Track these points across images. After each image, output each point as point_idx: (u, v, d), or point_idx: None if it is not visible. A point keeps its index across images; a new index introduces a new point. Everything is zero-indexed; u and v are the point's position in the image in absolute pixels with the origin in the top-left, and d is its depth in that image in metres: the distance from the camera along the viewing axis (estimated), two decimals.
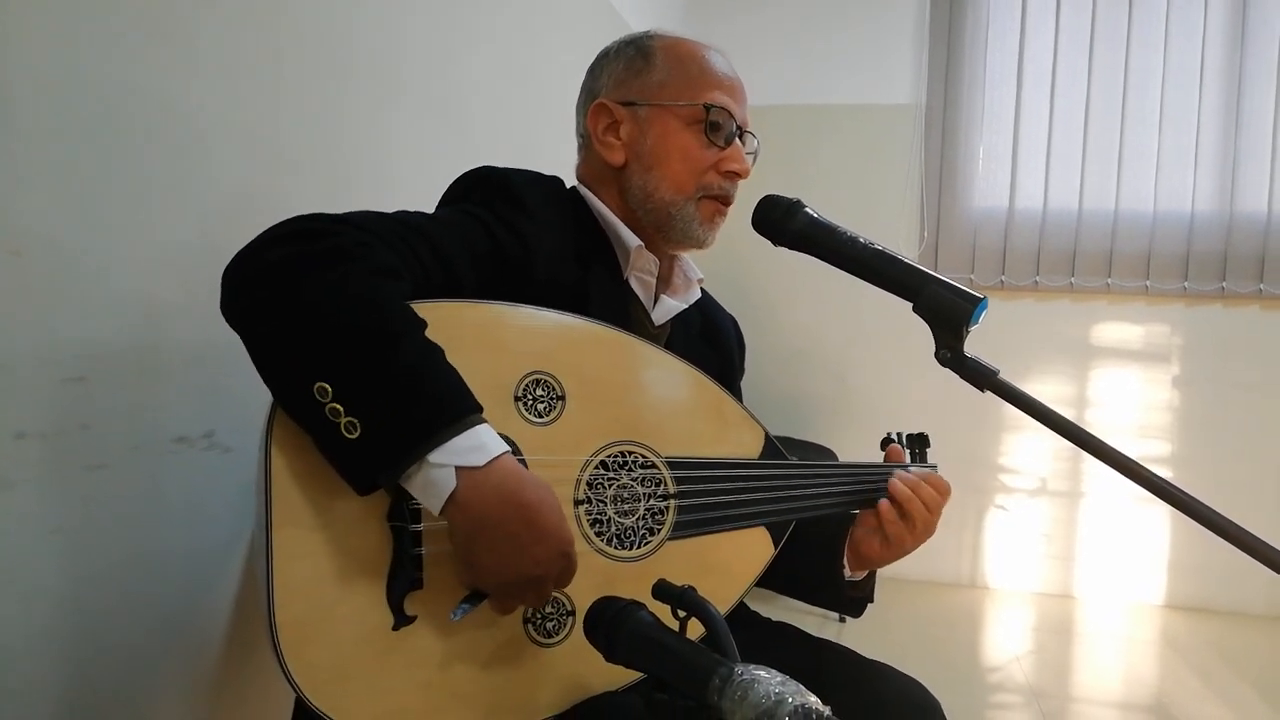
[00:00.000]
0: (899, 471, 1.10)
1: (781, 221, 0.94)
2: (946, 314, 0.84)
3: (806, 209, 0.94)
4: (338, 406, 0.71)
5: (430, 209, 0.99)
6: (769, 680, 0.65)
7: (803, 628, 1.17)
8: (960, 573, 3.45)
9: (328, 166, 1.33)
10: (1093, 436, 0.79)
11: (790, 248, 0.95)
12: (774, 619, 1.20)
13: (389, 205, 0.92)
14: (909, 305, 0.87)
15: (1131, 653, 2.87)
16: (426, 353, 0.76)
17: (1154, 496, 0.76)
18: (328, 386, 0.71)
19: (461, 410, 0.75)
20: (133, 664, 1.01)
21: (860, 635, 1.09)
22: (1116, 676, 2.66)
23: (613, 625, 0.73)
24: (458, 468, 0.73)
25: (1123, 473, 0.77)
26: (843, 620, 2.84)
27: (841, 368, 3.48)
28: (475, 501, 0.74)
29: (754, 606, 1.20)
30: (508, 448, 0.77)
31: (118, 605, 0.98)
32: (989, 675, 2.59)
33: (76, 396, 0.91)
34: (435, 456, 0.73)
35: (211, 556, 1.12)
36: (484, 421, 0.76)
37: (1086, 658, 2.81)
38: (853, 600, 1.18)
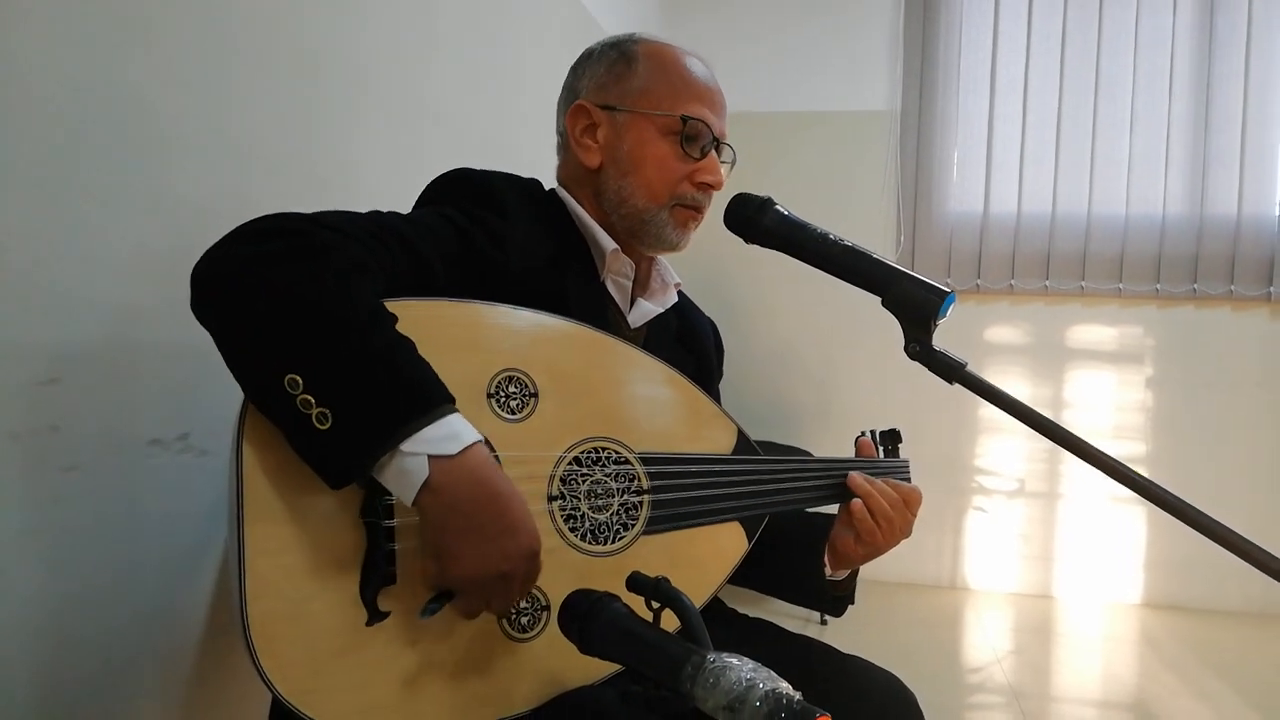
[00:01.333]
0: (854, 473, 1.11)
1: (753, 218, 0.95)
2: (915, 308, 0.85)
3: (777, 206, 0.95)
4: (309, 398, 0.71)
5: (405, 210, 0.99)
6: (740, 667, 0.66)
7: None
8: (940, 574, 3.47)
9: (301, 169, 1.34)
10: (1058, 426, 0.80)
11: (761, 245, 0.96)
12: (751, 616, 1.20)
13: (362, 207, 0.92)
14: (885, 308, 0.88)
15: (1111, 652, 2.89)
16: (397, 344, 0.76)
17: (1127, 495, 0.77)
18: (298, 378, 0.71)
19: (434, 400, 0.75)
20: (106, 665, 1.00)
21: (840, 636, 1.10)
22: (1096, 675, 2.69)
23: (587, 617, 0.74)
24: (430, 456, 0.73)
25: (1087, 460, 0.79)
26: (824, 623, 2.86)
27: (820, 372, 3.51)
28: (448, 488, 0.74)
29: (732, 606, 1.21)
30: (480, 437, 0.77)
31: (91, 607, 0.97)
32: (970, 676, 2.60)
33: (49, 398, 0.91)
34: (408, 445, 0.73)
35: (186, 559, 1.11)
36: (456, 411, 0.77)
37: (1066, 657, 2.83)
38: (834, 599, 1.19)
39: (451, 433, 0.75)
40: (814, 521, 1.17)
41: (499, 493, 0.77)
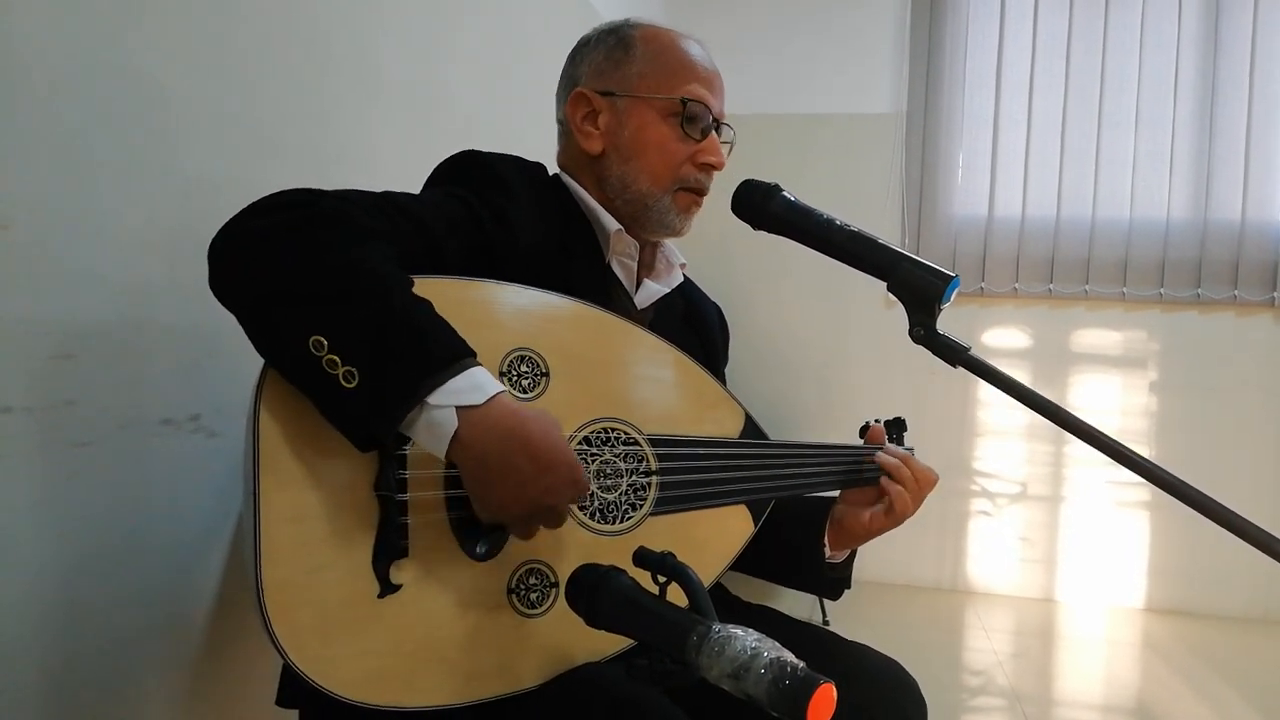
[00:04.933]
0: (889, 446, 1.15)
1: (760, 204, 0.96)
2: (919, 291, 0.86)
3: (784, 192, 0.97)
4: (335, 358, 0.72)
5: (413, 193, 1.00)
6: (745, 637, 0.67)
7: None
8: (941, 576, 3.47)
9: (311, 152, 1.35)
10: (1059, 407, 0.81)
11: (768, 230, 0.97)
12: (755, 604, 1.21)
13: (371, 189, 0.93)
14: (893, 312, 0.89)
15: (1113, 656, 2.89)
16: (416, 302, 0.78)
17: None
18: (323, 339, 0.72)
19: (457, 353, 0.77)
20: (115, 638, 1.01)
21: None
22: (1098, 679, 2.68)
23: (594, 589, 0.75)
24: (458, 408, 0.74)
25: (1089, 441, 0.80)
26: (826, 622, 2.86)
27: (824, 372, 3.52)
28: (478, 440, 0.75)
29: (734, 593, 1.21)
30: (504, 387, 0.78)
31: (101, 579, 0.98)
32: (971, 679, 2.60)
33: (63, 373, 0.92)
34: (435, 398, 0.74)
35: (196, 538, 1.13)
36: (479, 364, 0.78)
37: (1069, 661, 2.82)
38: (832, 581, 1.20)
39: (476, 384, 0.76)
40: (812, 504, 1.18)
41: (529, 435, 0.77)
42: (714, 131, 1.09)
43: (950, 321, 0.80)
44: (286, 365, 0.76)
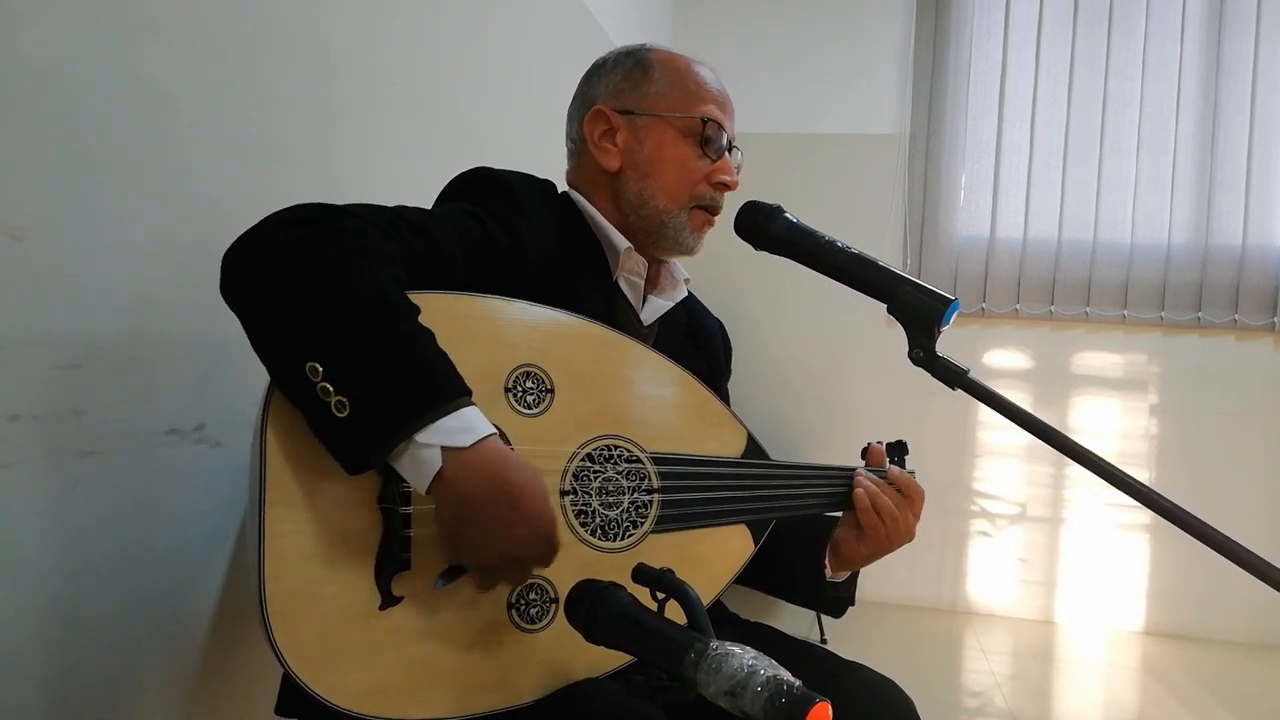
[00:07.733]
0: (859, 471, 1.15)
1: (763, 226, 0.98)
2: (919, 314, 0.88)
3: (786, 214, 0.98)
4: (328, 385, 0.73)
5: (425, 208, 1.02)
6: (742, 655, 0.67)
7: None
8: (940, 597, 3.46)
9: (319, 168, 1.36)
10: (1058, 431, 0.82)
11: (770, 251, 0.99)
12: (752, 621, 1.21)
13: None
14: (894, 333, 0.90)
15: (1112, 679, 2.88)
16: (417, 335, 0.78)
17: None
18: (319, 366, 0.73)
19: (450, 392, 0.77)
20: (116, 647, 1.02)
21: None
22: (1097, 702, 2.67)
23: (593, 605, 0.75)
24: (444, 448, 0.75)
25: (1087, 466, 0.80)
26: (824, 641, 2.85)
27: (825, 392, 3.52)
28: (460, 481, 0.76)
29: (733, 609, 1.22)
30: (494, 430, 0.79)
31: (105, 588, 0.99)
32: (970, 700, 2.60)
33: (71, 382, 0.93)
34: (423, 436, 0.74)
35: (199, 548, 1.13)
36: (472, 404, 0.78)
37: (1067, 683, 2.82)
38: (835, 600, 1.21)
39: (466, 425, 0.77)
40: (816, 522, 1.19)
41: (511, 484, 0.78)
42: (727, 153, 1.11)
43: (951, 342, 0.81)
44: (283, 383, 0.77)
